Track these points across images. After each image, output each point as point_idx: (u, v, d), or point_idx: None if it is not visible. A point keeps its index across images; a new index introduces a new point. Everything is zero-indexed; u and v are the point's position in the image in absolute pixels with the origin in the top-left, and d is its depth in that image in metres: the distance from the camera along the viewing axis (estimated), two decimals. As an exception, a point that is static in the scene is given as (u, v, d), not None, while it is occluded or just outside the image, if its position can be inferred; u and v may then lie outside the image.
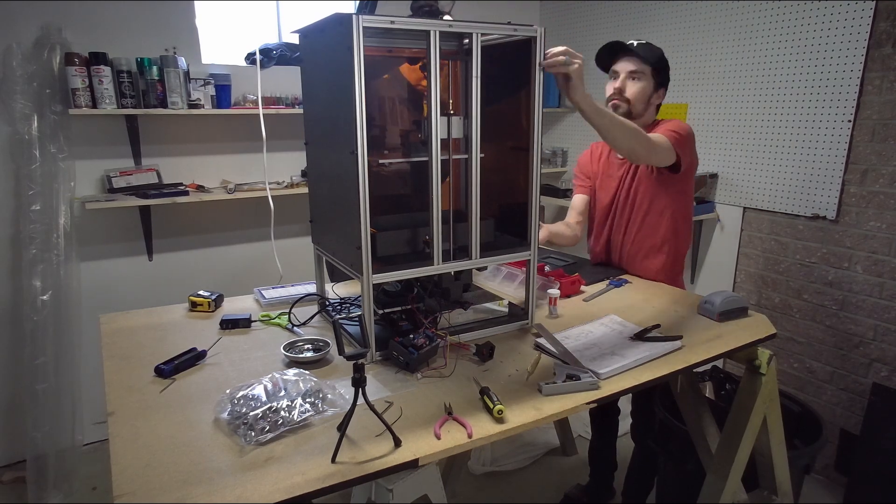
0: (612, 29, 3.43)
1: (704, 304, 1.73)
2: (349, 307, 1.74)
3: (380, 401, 1.23)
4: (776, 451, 1.78)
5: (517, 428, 1.17)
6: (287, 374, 1.25)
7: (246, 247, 3.12)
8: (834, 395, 2.59)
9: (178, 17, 2.75)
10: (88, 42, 2.51)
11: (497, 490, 2.55)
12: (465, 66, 1.47)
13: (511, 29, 1.43)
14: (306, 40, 1.58)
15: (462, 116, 1.49)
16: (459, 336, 1.53)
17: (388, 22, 1.27)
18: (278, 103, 2.95)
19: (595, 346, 1.49)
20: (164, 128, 2.80)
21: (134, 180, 2.73)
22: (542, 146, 1.54)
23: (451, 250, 1.48)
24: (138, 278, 2.87)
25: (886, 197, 2.32)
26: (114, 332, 1.61)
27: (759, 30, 2.70)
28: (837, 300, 2.53)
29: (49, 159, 2.48)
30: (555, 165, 3.79)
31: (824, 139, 2.50)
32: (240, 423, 1.11)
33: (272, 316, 1.70)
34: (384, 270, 1.39)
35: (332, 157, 1.46)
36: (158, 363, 1.37)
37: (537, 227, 1.57)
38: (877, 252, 2.38)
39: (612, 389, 1.31)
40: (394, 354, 1.40)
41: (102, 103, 2.48)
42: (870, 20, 2.30)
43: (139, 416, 1.18)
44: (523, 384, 1.33)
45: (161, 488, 0.96)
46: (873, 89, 2.33)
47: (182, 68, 2.60)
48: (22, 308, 2.55)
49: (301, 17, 3.21)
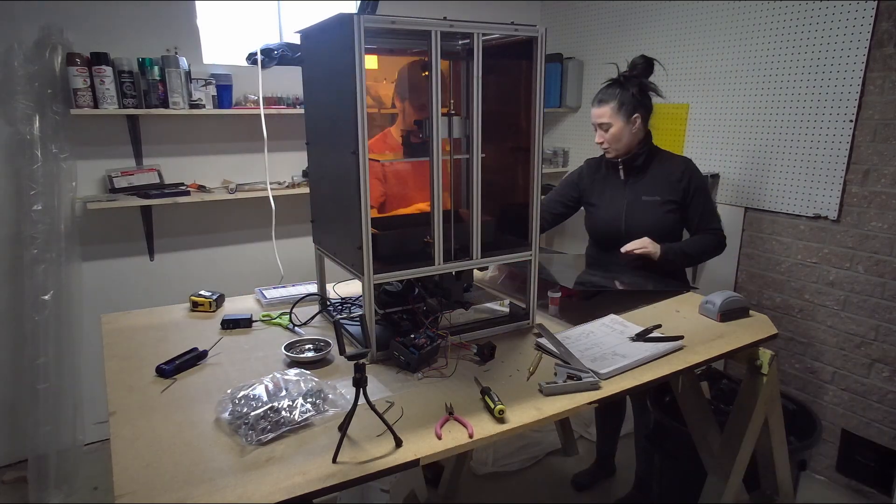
0: (612, 29, 3.43)
1: (706, 305, 1.73)
2: (350, 307, 1.75)
3: (381, 401, 1.23)
4: (777, 452, 1.78)
5: (518, 428, 1.17)
6: (288, 374, 1.25)
7: (247, 247, 3.12)
8: (835, 396, 2.58)
9: (180, 17, 2.76)
10: (90, 42, 2.51)
11: (497, 490, 2.55)
12: (467, 66, 1.47)
13: (512, 29, 1.43)
14: (308, 40, 1.58)
15: (463, 116, 1.49)
16: (460, 336, 1.53)
17: (389, 22, 1.27)
18: (279, 103, 2.95)
19: (596, 347, 1.49)
20: (165, 128, 2.80)
21: (135, 180, 2.73)
22: (542, 146, 1.54)
23: (452, 250, 1.48)
24: (139, 278, 2.88)
25: (888, 197, 2.32)
26: (115, 331, 1.61)
27: (759, 30, 2.70)
28: (839, 300, 2.52)
29: (50, 159, 2.48)
30: (556, 165, 3.79)
31: (826, 139, 2.49)
32: (241, 422, 1.11)
33: (273, 316, 1.71)
34: (385, 270, 1.39)
35: (333, 157, 1.47)
36: (160, 363, 1.37)
37: (538, 227, 1.57)
38: (878, 252, 2.37)
39: (613, 389, 1.31)
40: (395, 354, 1.40)
41: (104, 103, 2.49)
42: (871, 20, 2.30)
43: (140, 416, 1.18)
44: (524, 384, 1.33)
45: (162, 488, 0.96)
46: (875, 89, 2.32)
47: (183, 68, 2.60)
48: (23, 308, 2.56)
49: (302, 18, 3.21)
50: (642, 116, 2.08)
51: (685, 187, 2.07)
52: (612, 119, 2.06)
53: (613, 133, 2.07)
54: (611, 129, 2.07)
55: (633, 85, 2.06)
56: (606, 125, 2.07)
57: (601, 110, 2.08)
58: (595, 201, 2.22)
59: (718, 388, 2.34)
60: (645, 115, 2.09)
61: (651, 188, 2.10)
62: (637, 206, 2.11)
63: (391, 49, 1.69)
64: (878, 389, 2.43)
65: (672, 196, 2.08)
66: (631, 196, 2.12)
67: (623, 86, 2.07)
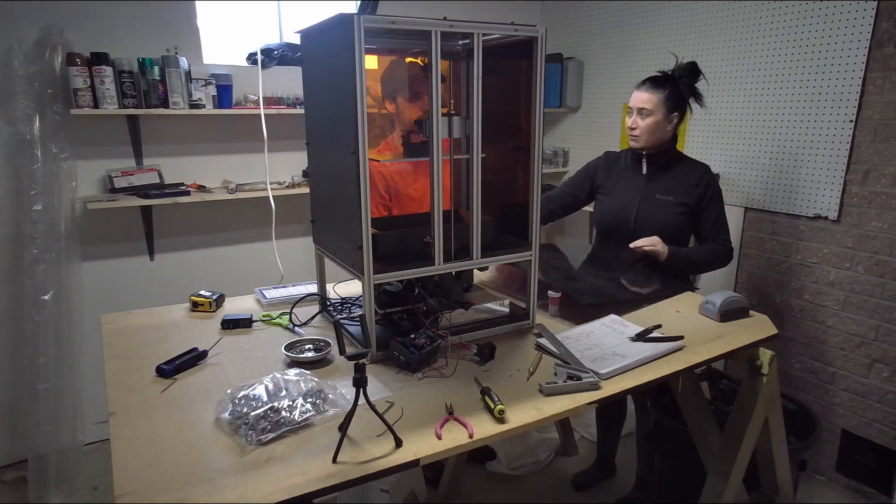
0: (612, 29, 3.43)
1: (706, 305, 1.73)
2: (350, 307, 1.75)
3: (381, 401, 1.23)
4: (777, 452, 1.78)
5: (518, 428, 1.17)
6: (288, 374, 1.25)
7: (247, 247, 3.12)
8: (835, 396, 2.58)
9: (180, 17, 2.76)
10: (90, 42, 2.51)
11: (497, 490, 2.55)
12: (467, 67, 1.47)
13: (512, 29, 1.43)
14: (308, 40, 1.58)
15: (463, 116, 1.49)
16: (460, 336, 1.53)
17: (389, 22, 1.27)
18: (279, 103, 2.95)
19: (596, 347, 1.49)
20: (165, 128, 2.80)
21: (135, 180, 2.73)
22: (542, 146, 1.54)
23: (452, 250, 1.48)
24: (140, 278, 2.88)
25: (888, 197, 2.32)
26: (115, 331, 1.61)
27: (759, 30, 2.70)
28: (839, 300, 2.52)
29: (51, 159, 2.48)
30: (556, 166, 3.79)
31: (826, 139, 2.49)
32: (241, 423, 1.11)
33: (273, 316, 1.71)
34: (385, 270, 1.39)
35: (333, 157, 1.47)
36: (160, 363, 1.37)
37: (538, 226, 1.57)
38: (878, 252, 2.37)
39: (613, 390, 1.31)
40: (395, 354, 1.40)
41: (104, 103, 2.49)
42: (871, 20, 2.29)
43: (140, 416, 1.18)
44: (524, 384, 1.33)
45: (162, 488, 0.96)
46: (875, 89, 2.32)
47: (183, 68, 2.60)
48: (23, 308, 2.56)
49: (302, 18, 3.21)
50: (679, 117, 2.09)
51: (701, 193, 2.07)
52: (655, 108, 2.05)
53: (649, 123, 2.06)
54: (648, 118, 2.06)
55: (685, 85, 2.07)
56: (647, 112, 2.06)
57: (647, 95, 2.05)
58: (608, 192, 2.22)
59: (718, 388, 2.34)
60: (681, 117, 2.10)
61: (667, 188, 2.10)
62: (650, 202, 2.11)
63: (391, 49, 1.69)
64: (878, 389, 2.43)
65: (686, 199, 2.08)
66: (646, 191, 2.12)
67: (675, 81, 2.07)
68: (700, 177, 2.09)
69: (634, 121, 2.09)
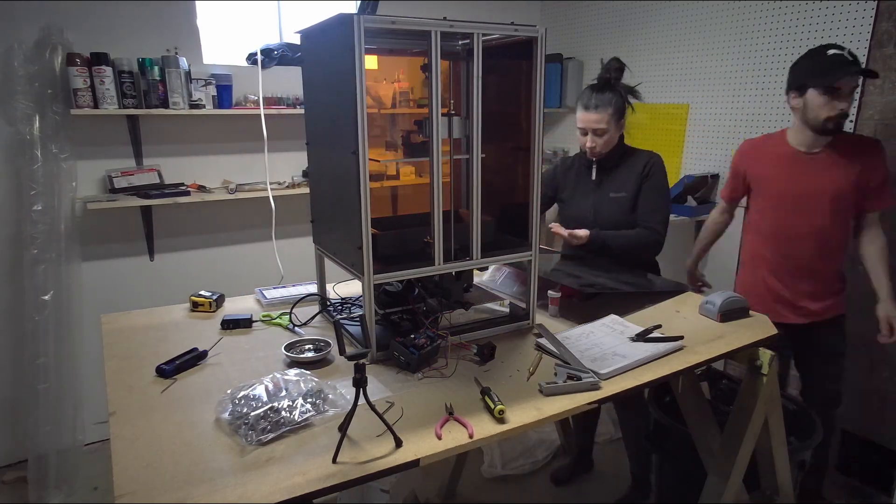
0: (612, 29, 3.43)
1: (706, 305, 1.73)
2: (350, 307, 1.75)
3: (381, 401, 1.23)
4: (777, 452, 1.78)
5: (518, 428, 1.17)
6: (288, 374, 1.25)
7: (247, 247, 3.12)
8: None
9: (180, 17, 2.76)
10: (90, 42, 2.52)
11: (496, 491, 2.55)
12: (467, 67, 1.47)
13: (512, 29, 1.43)
14: (308, 41, 1.58)
15: (463, 116, 1.49)
16: (460, 336, 1.53)
17: (389, 22, 1.27)
18: (279, 103, 2.95)
19: (596, 347, 1.49)
20: (165, 128, 2.80)
21: (135, 180, 2.73)
22: (542, 146, 1.54)
23: (452, 250, 1.48)
24: (140, 278, 2.88)
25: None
26: (115, 331, 1.61)
27: (759, 30, 2.70)
28: (839, 300, 2.52)
29: (51, 159, 2.48)
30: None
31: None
32: (241, 423, 1.11)
33: (273, 316, 1.71)
34: (385, 270, 1.39)
35: (333, 157, 1.47)
36: (160, 363, 1.37)
37: (538, 226, 1.57)
38: (878, 252, 2.36)
39: (613, 390, 1.31)
40: (395, 354, 1.40)
41: (104, 103, 2.49)
42: (871, 20, 2.29)
43: (140, 416, 1.18)
44: (524, 384, 1.33)
45: (162, 488, 0.96)
46: (875, 89, 2.32)
47: (183, 68, 2.61)
48: (23, 308, 2.56)
49: (302, 18, 3.21)
50: (624, 117, 2.09)
51: (643, 178, 2.08)
52: (608, 124, 2.04)
53: (606, 139, 2.06)
54: (605, 135, 2.05)
55: (622, 88, 2.07)
56: (601, 131, 2.05)
57: (598, 116, 2.03)
58: (566, 198, 2.25)
59: (718, 388, 2.33)
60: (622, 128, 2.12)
61: (619, 184, 2.11)
62: (605, 202, 2.12)
63: (391, 49, 1.69)
64: (879, 389, 2.42)
65: (636, 189, 2.09)
66: (599, 194, 2.14)
67: (614, 90, 2.06)
68: (644, 164, 2.09)
69: (592, 140, 2.08)
